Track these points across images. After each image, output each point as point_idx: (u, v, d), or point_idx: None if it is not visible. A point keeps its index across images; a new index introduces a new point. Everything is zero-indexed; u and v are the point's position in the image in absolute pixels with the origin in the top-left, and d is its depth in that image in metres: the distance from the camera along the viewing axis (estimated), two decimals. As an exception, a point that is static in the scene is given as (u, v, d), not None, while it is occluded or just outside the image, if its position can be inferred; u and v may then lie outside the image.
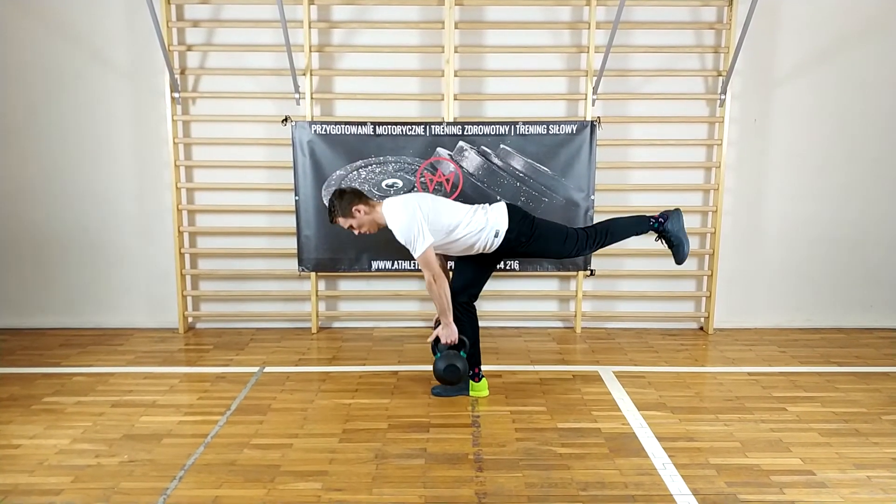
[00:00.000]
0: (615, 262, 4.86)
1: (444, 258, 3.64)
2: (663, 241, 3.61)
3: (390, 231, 3.37)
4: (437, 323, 3.50)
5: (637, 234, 3.61)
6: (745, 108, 4.70)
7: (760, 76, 4.67)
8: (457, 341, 3.47)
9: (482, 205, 3.49)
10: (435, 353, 3.55)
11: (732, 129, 4.68)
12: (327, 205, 3.44)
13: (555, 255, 3.61)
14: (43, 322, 4.89)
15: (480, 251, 3.45)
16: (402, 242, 3.33)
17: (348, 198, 3.41)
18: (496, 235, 3.37)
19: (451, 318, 3.43)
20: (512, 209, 3.44)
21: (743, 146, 4.74)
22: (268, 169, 4.77)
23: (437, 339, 3.52)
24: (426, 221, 3.29)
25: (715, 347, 4.56)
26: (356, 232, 3.47)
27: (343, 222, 3.44)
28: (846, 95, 4.69)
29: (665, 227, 3.54)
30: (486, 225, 3.37)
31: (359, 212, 3.40)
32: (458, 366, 3.43)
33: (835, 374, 4.04)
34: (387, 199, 3.45)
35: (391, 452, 3.02)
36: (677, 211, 3.58)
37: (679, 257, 3.59)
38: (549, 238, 3.48)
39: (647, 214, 3.61)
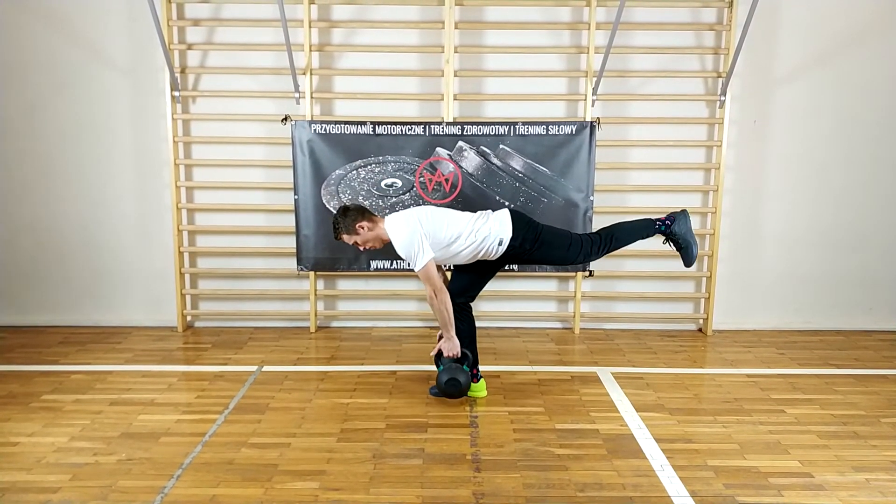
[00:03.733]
0: (614, 264, 4.86)
1: (443, 270, 3.63)
2: (671, 244, 3.59)
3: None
4: (441, 337, 3.51)
5: (643, 238, 3.58)
6: (744, 110, 4.70)
7: (760, 78, 4.67)
8: (459, 355, 3.47)
9: (486, 211, 3.47)
10: (438, 366, 3.55)
11: (732, 130, 4.68)
12: (332, 222, 3.48)
13: (560, 261, 3.54)
14: (42, 320, 4.88)
15: (483, 255, 3.44)
16: (404, 258, 3.37)
17: (352, 215, 3.42)
18: (500, 244, 3.36)
19: (453, 332, 3.43)
20: (516, 216, 3.41)
21: (742, 148, 4.74)
22: (267, 168, 4.77)
23: (439, 353, 3.52)
24: (427, 237, 3.30)
25: (713, 349, 4.56)
26: (361, 248, 3.48)
27: (348, 239, 3.46)
28: (845, 97, 4.69)
29: (672, 229, 3.53)
30: (490, 234, 3.35)
31: (363, 228, 3.42)
32: (459, 380, 3.42)
33: (833, 376, 4.04)
34: (389, 216, 3.46)
35: (389, 452, 3.02)
36: (684, 213, 3.56)
37: (688, 260, 3.57)
38: (554, 244, 3.45)
39: (654, 217, 3.59)
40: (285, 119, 4.51)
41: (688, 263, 3.59)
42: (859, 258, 4.89)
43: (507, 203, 4.55)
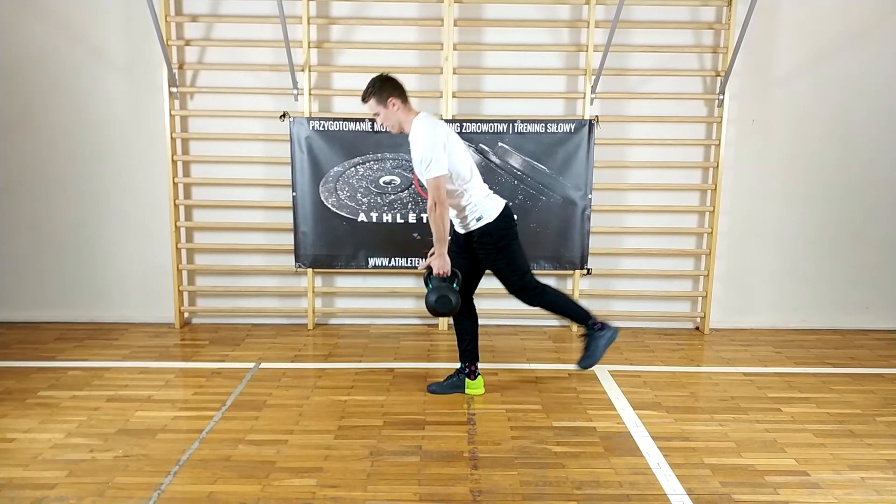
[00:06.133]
0: (612, 262, 4.86)
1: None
2: (582, 341, 3.55)
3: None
4: (432, 256, 3.41)
5: (569, 320, 3.59)
6: (743, 109, 4.70)
7: (759, 77, 4.67)
8: (449, 273, 3.36)
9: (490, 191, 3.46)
10: (427, 285, 3.46)
11: (730, 129, 4.69)
12: (368, 84, 3.33)
13: (502, 276, 3.46)
14: (39, 316, 4.87)
15: (459, 223, 3.40)
16: (416, 159, 3.23)
17: (390, 86, 3.29)
18: (478, 220, 3.33)
19: (445, 249, 3.31)
20: (507, 211, 3.40)
21: (741, 146, 4.74)
22: (265, 165, 4.76)
23: (429, 271, 3.42)
24: (449, 156, 3.21)
25: (710, 347, 4.57)
26: (378, 123, 3.37)
27: (373, 106, 3.32)
28: (844, 96, 4.70)
29: (595, 334, 3.50)
30: (479, 204, 3.33)
31: (393, 105, 3.29)
32: (450, 298, 3.33)
33: (830, 375, 4.05)
34: (423, 113, 3.34)
35: (386, 449, 3.02)
36: (616, 331, 3.54)
37: (582, 361, 3.53)
38: (511, 262, 3.40)
39: (592, 315, 3.54)
40: (283, 116, 4.50)
41: (580, 363, 3.55)
42: (856, 257, 4.89)
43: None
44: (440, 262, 3.33)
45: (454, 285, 3.39)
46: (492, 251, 3.38)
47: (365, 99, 3.34)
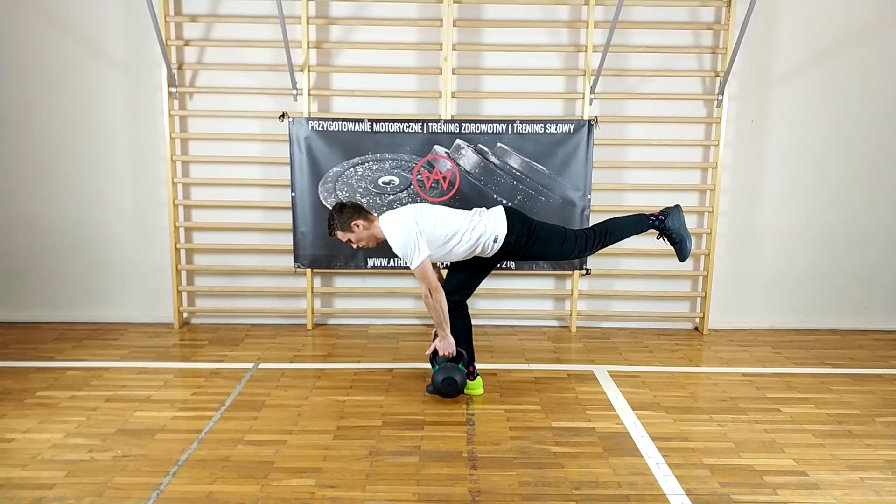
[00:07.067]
0: (611, 262, 4.86)
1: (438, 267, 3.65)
2: (665, 239, 3.62)
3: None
4: (436, 335, 3.51)
5: (637, 233, 3.62)
6: (742, 109, 4.71)
7: (758, 77, 4.67)
8: (455, 354, 3.48)
9: (480, 209, 3.50)
10: (433, 365, 3.55)
11: (729, 129, 4.69)
12: (327, 218, 3.51)
13: (555, 257, 3.58)
14: (37, 316, 4.87)
15: (480, 255, 3.46)
16: (400, 256, 3.37)
17: (348, 212, 3.44)
18: (495, 241, 3.38)
19: (448, 331, 3.44)
20: (510, 213, 3.43)
21: (740, 147, 4.75)
22: (264, 165, 4.76)
23: (435, 352, 3.53)
24: (422, 234, 3.32)
25: (709, 348, 4.57)
26: (354, 245, 3.50)
27: (342, 236, 3.48)
28: (843, 97, 4.70)
29: (665, 224, 3.55)
30: (485, 231, 3.37)
31: (357, 226, 3.43)
32: (455, 379, 3.43)
33: (829, 375, 4.05)
34: (384, 214, 3.46)
35: (385, 450, 3.02)
36: (677, 208, 3.59)
37: (682, 254, 3.60)
38: (549, 240, 3.48)
39: (647, 213, 3.62)
40: (282, 116, 4.50)
41: (682, 258, 3.62)
42: (856, 258, 4.90)
43: (503, 201, 4.56)
44: (445, 343, 3.46)
45: (459, 365, 3.49)
46: (531, 247, 3.43)
47: (331, 233, 3.51)
